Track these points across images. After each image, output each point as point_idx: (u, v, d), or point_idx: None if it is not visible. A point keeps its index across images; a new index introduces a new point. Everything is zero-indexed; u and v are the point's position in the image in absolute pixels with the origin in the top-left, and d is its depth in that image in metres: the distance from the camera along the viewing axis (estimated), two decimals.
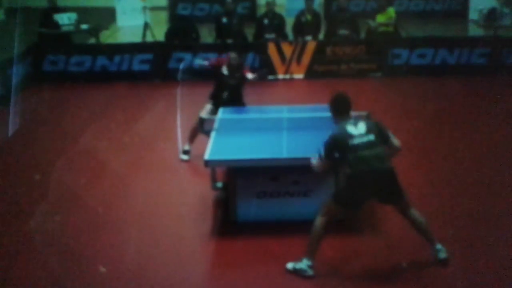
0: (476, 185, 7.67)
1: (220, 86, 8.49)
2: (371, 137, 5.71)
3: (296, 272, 5.81)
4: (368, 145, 5.67)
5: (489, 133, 9.39)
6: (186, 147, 8.54)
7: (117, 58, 12.61)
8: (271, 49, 12.53)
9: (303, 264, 5.79)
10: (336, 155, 5.76)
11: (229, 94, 8.43)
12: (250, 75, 8.47)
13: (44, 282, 5.89)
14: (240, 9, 16.55)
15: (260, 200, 6.74)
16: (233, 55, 8.45)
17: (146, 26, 14.05)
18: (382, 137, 5.80)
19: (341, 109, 5.92)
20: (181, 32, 13.47)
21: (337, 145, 5.74)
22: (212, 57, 10.72)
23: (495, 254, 6.13)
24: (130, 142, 9.33)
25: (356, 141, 5.67)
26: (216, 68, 8.52)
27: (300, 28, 13.07)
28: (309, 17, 13.08)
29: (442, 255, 5.85)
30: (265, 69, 8.83)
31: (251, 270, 6.04)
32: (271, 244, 6.42)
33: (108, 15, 16.87)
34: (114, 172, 8.30)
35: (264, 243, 6.44)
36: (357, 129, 5.74)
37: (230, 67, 8.41)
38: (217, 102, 8.42)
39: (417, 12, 17.31)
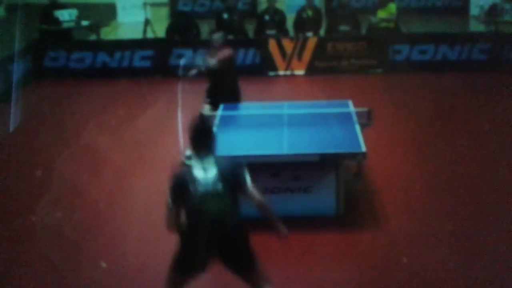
0: (477, 183, 7.67)
1: (216, 79, 8.27)
2: (219, 186, 4.59)
3: None
4: (214, 196, 4.58)
5: (490, 129, 9.38)
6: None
7: (117, 55, 12.60)
8: (272, 45, 12.52)
9: None
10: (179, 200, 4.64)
11: (225, 85, 8.23)
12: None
13: (46, 278, 5.90)
14: (240, 5, 16.53)
15: None
16: (216, 36, 8.30)
17: (146, 22, 14.03)
18: (236, 184, 4.70)
19: (198, 144, 4.76)
20: (182, 28, 13.46)
21: (178, 189, 4.66)
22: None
23: (496, 253, 6.13)
24: (131, 139, 9.33)
25: (199, 187, 4.58)
26: (225, 60, 8.27)
27: (301, 24, 13.05)
28: (310, 12, 13.06)
29: None
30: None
31: None
32: (272, 241, 6.40)
33: (108, 12, 16.85)
34: (115, 169, 8.31)
35: (264, 240, 6.42)
36: (206, 173, 4.62)
37: (213, 50, 8.23)
38: (214, 98, 8.29)
39: (418, 8, 17.26)
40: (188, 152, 8.10)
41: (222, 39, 8.35)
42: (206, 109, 8.21)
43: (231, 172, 4.73)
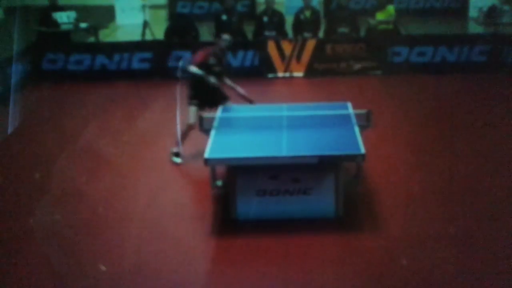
0: (476, 183, 7.66)
1: (203, 81, 8.23)
2: None
3: None
4: None
5: (489, 131, 9.37)
6: (176, 149, 8.42)
7: (116, 57, 12.59)
8: (271, 47, 12.51)
9: None
10: None
11: (214, 86, 8.26)
12: (240, 90, 8.45)
13: (45, 280, 5.88)
14: (239, 7, 16.53)
15: (260, 198, 6.73)
16: (226, 37, 8.37)
17: (145, 24, 14.03)
18: None
19: None
20: (181, 30, 13.45)
21: None
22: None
23: (496, 254, 6.12)
24: (130, 141, 9.31)
25: None
26: (202, 62, 8.27)
27: (299, 26, 13.04)
28: (308, 14, 13.04)
29: None
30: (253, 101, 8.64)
31: (250, 268, 6.03)
32: (271, 242, 6.42)
33: (107, 14, 16.85)
34: (114, 171, 8.29)
35: (264, 241, 6.43)
36: None
37: (220, 51, 8.34)
38: (202, 100, 8.30)
39: (416, 9, 17.28)
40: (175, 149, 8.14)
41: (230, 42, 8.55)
42: (193, 115, 8.24)
43: None
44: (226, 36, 8.45)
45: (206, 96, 8.31)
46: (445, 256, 6.04)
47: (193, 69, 8.26)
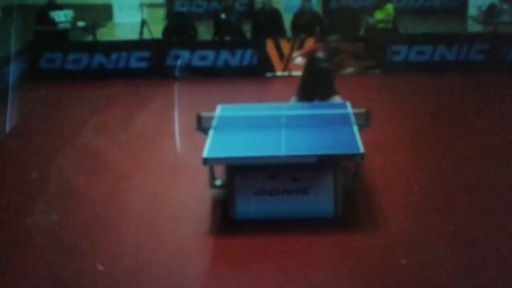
0: (475, 183, 7.64)
1: (310, 73, 8.46)
2: None
3: None
4: None
5: (488, 130, 9.36)
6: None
7: (114, 56, 12.55)
8: (270, 46, 12.47)
9: None
10: None
11: (320, 80, 8.37)
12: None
13: (42, 280, 5.86)
14: (238, 5, 16.51)
15: (259, 198, 6.70)
16: (332, 37, 8.52)
17: (143, 23, 14.00)
18: None
19: None
20: (179, 29, 13.43)
21: None
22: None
23: (495, 253, 6.09)
24: (128, 140, 9.28)
25: None
26: (309, 55, 8.56)
27: (297, 28, 12.98)
28: (305, 18, 12.97)
29: None
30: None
31: (250, 268, 6.01)
32: (270, 242, 6.39)
33: (105, 12, 16.82)
34: (112, 170, 8.26)
35: (263, 241, 6.41)
36: None
37: (327, 49, 8.44)
38: (306, 92, 8.45)
39: (416, 8, 17.28)
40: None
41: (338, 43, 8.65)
42: (293, 100, 8.47)
43: None
44: (332, 37, 8.62)
45: (309, 88, 8.46)
46: (444, 256, 6.02)
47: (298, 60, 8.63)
